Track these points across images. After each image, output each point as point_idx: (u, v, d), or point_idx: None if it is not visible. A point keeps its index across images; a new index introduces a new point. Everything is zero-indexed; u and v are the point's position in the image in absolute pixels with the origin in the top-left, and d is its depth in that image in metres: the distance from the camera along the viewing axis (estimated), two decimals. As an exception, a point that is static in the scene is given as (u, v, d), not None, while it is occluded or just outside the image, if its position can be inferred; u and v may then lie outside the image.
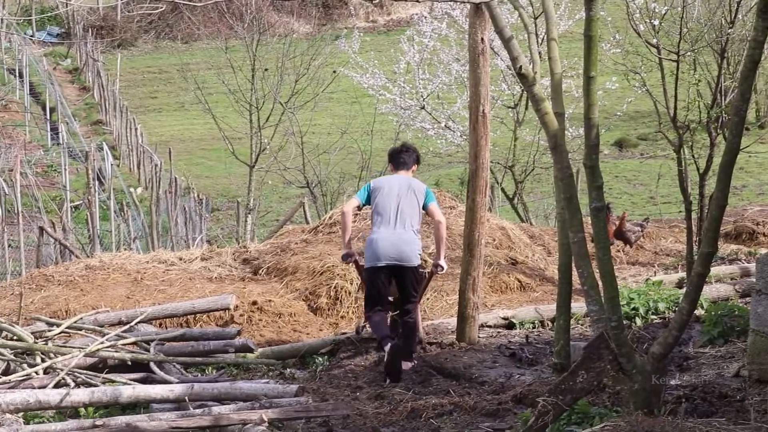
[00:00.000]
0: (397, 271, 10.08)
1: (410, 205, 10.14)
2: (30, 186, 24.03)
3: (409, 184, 10.23)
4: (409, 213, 10.11)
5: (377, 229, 10.13)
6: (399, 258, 10.01)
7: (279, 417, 7.67)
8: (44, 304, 11.93)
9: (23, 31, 46.19)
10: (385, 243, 10.02)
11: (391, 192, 10.18)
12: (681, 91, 12.92)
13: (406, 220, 10.09)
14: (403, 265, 10.03)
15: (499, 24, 8.04)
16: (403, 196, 10.15)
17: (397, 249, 10.00)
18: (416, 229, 10.16)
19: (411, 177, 10.46)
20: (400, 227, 10.06)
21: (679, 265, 14.30)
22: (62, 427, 7.44)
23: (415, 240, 10.09)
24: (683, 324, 7.10)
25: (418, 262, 10.15)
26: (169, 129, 38.10)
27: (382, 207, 10.17)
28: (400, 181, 10.29)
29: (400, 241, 10.02)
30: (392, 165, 10.59)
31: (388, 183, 10.30)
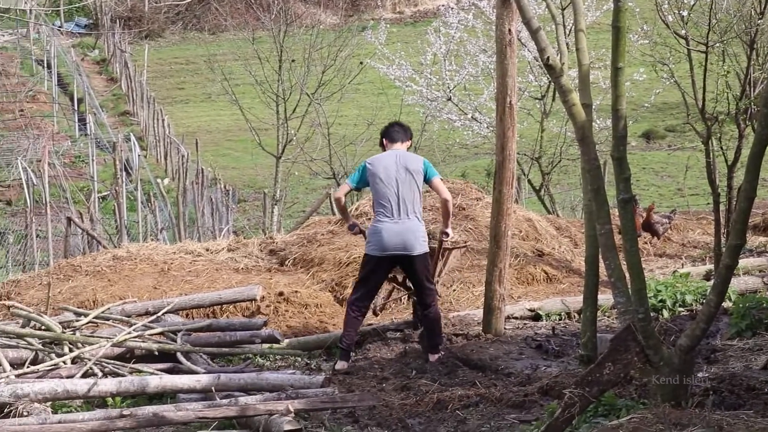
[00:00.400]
0: (404, 260, 10.05)
1: (410, 189, 9.99)
2: (58, 176, 24.12)
3: (405, 165, 10.04)
4: (410, 199, 9.98)
5: (381, 219, 10.02)
6: (405, 248, 9.94)
7: (305, 408, 7.68)
8: (72, 294, 11.98)
9: (51, 22, 46.42)
10: (390, 234, 9.93)
11: (389, 177, 10.02)
12: (709, 83, 12.84)
13: (409, 207, 9.98)
14: (410, 254, 9.96)
15: (527, 15, 8.01)
16: (401, 180, 10.00)
17: (402, 239, 9.92)
18: (419, 215, 10.07)
19: (405, 151, 10.29)
20: (404, 216, 9.96)
21: (707, 257, 14.24)
22: (90, 416, 7.47)
23: (419, 227, 10.01)
24: (711, 316, 7.06)
25: (426, 249, 10.06)
26: (196, 120, 38.21)
27: (383, 196, 10.03)
28: (396, 161, 10.09)
29: (405, 230, 9.93)
30: (387, 139, 10.41)
31: (384, 165, 10.10)
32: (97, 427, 7.28)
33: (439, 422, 8.05)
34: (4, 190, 29.13)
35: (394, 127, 10.44)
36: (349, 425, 7.98)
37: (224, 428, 7.61)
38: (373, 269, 10.10)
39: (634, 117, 25.70)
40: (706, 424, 6.19)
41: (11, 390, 7.79)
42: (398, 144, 10.29)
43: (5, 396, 7.76)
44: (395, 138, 10.33)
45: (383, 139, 10.45)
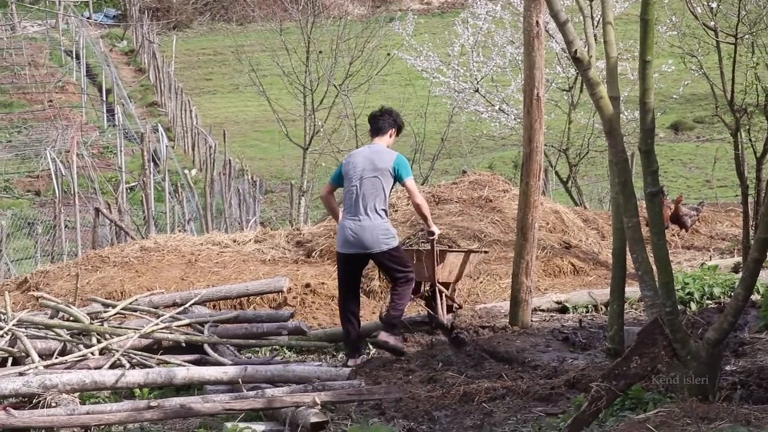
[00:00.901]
0: (365, 258, 9.84)
1: (372, 187, 9.71)
2: (86, 167, 24.24)
3: (373, 162, 9.77)
4: (371, 196, 9.71)
5: (344, 216, 9.87)
6: (363, 246, 9.71)
7: (332, 400, 7.69)
8: (100, 285, 12.05)
9: (80, 13, 46.59)
10: (348, 232, 9.75)
11: (355, 174, 9.79)
12: (738, 74, 12.78)
13: (368, 205, 9.71)
14: (369, 253, 9.75)
15: (555, 7, 7.98)
16: (365, 178, 9.74)
17: (359, 238, 9.70)
18: (380, 211, 9.75)
19: (383, 147, 9.95)
20: (363, 214, 9.71)
21: (735, 250, 14.17)
22: (117, 407, 7.50)
23: (379, 225, 9.71)
24: (739, 310, 7.03)
25: (388, 246, 9.75)
26: (223, 111, 38.28)
27: (346, 193, 9.87)
28: (366, 157, 9.85)
29: (360, 229, 9.70)
30: (370, 130, 10.18)
31: (353, 162, 9.87)
32: (125, 418, 7.33)
33: (465, 415, 8.04)
34: (33, 180, 29.33)
35: (378, 117, 10.08)
36: (376, 417, 7.98)
37: (251, 420, 7.64)
38: (343, 267, 9.96)
39: (663, 108, 25.61)
40: (733, 419, 6.17)
41: (40, 381, 7.85)
42: (378, 137, 10.02)
43: (34, 387, 7.81)
44: (376, 131, 10.06)
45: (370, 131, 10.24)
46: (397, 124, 10.11)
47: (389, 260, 9.80)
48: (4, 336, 9.18)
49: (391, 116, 10.06)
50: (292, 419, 7.46)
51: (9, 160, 30.69)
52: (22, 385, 7.83)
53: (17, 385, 7.82)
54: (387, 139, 10.02)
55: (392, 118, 10.06)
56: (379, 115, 10.06)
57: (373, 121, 10.08)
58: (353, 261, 9.86)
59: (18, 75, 38.01)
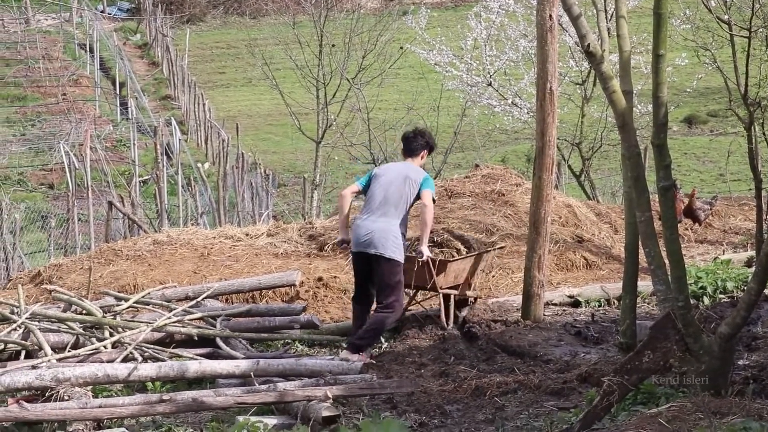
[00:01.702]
0: (370, 259, 9.79)
1: (399, 195, 9.82)
2: (99, 160, 24.27)
3: (406, 175, 9.91)
4: (393, 202, 9.81)
5: (360, 215, 10.00)
6: (370, 245, 9.71)
7: (343, 394, 7.70)
8: (113, 279, 12.06)
9: (94, 6, 46.64)
10: (361, 230, 9.80)
11: (386, 180, 9.91)
12: (752, 68, 12.74)
13: (389, 210, 9.79)
14: (374, 254, 9.71)
15: (568, 1, 7.97)
16: (395, 186, 9.85)
17: (370, 237, 9.72)
18: (397, 222, 9.78)
19: (414, 166, 10.10)
20: (381, 216, 9.77)
21: (748, 244, 14.14)
22: (130, 400, 7.52)
23: (391, 230, 9.73)
24: (751, 304, 7.02)
25: (392, 255, 9.70)
26: (236, 104, 38.30)
27: (371, 194, 9.94)
28: (399, 170, 10.03)
29: (375, 228, 9.72)
30: (403, 149, 10.35)
31: (387, 171, 10.09)
32: (137, 411, 7.35)
33: (477, 409, 8.05)
34: (47, 173, 29.38)
35: (411, 138, 10.26)
36: (388, 411, 8.00)
37: (263, 413, 7.65)
38: (355, 265, 10.05)
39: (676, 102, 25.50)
40: (746, 413, 6.17)
41: (52, 374, 7.87)
42: (410, 159, 10.19)
43: (47, 380, 7.84)
44: (409, 151, 10.23)
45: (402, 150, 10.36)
46: (429, 145, 10.29)
47: (387, 271, 9.72)
48: (17, 329, 9.22)
49: (423, 138, 10.25)
50: (303, 413, 7.48)
51: (23, 154, 30.75)
52: (35, 379, 7.86)
53: (30, 378, 7.85)
54: (418, 161, 10.22)
55: (424, 140, 10.24)
56: (413, 137, 10.27)
57: (406, 141, 10.28)
58: (363, 261, 9.86)
59: (32, 68, 38.07)
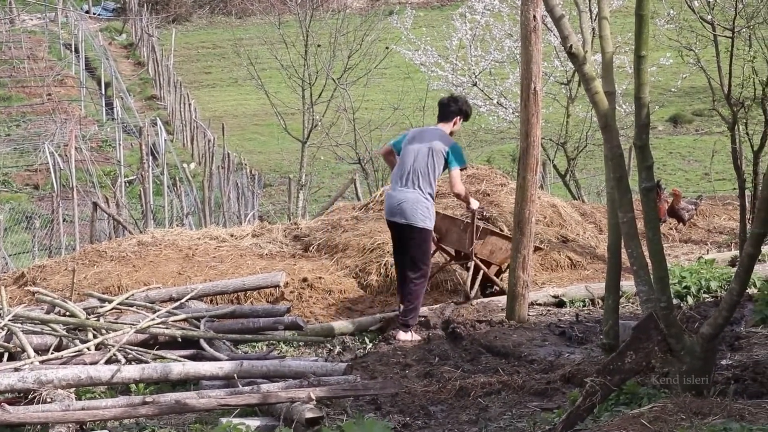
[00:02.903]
0: (399, 229, 10.35)
1: (425, 166, 10.29)
2: (85, 161, 24.26)
3: (431, 146, 10.32)
4: (421, 173, 10.29)
5: (392, 185, 10.52)
6: (401, 215, 10.28)
7: (327, 395, 7.69)
8: (97, 280, 12.03)
9: (79, 6, 46.54)
10: (392, 200, 10.38)
11: (412, 149, 10.38)
12: (736, 68, 12.77)
13: (417, 181, 10.28)
14: (403, 224, 10.28)
15: (551, 2, 7.98)
16: (421, 156, 10.32)
17: (400, 207, 10.29)
18: (427, 191, 10.31)
19: (443, 132, 10.51)
20: (409, 186, 10.29)
21: (732, 243, 14.17)
22: (113, 403, 7.51)
23: (419, 200, 10.26)
24: (733, 305, 7.03)
25: (423, 224, 10.28)
26: (222, 104, 38.27)
27: (401, 162, 10.44)
28: (427, 139, 10.41)
29: (404, 198, 10.28)
30: (437, 115, 10.73)
31: (416, 139, 10.47)
32: (120, 413, 7.33)
33: (461, 410, 8.05)
34: (32, 174, 29.32)
35: (446, 103, 10.67)
36: (372, 412, 7.99)
37: (246, 415, 7.63)
38: (392, 234, 10.59)
39: (661, 101, 25.58)
40: (727, 414, 6.18)
41: (35, 376, 7.84)
42: (441, 123, 10.60)
43: (29, 382, 7.81)
44: (442, 116, 10.63)
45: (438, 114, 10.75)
46: (464, 111, 10.69)
47: (417, 240, 10.30)
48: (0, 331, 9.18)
49: (457, 104, 10.66)
50: (287, 414, 7.47)
51: (7, 154, 30.68)
52: (17, 381, 7.82)
53: (12, 380, 7.82)
54: (450, 126, 10.62)
55: (458, 106, 10.65)
56: (446, 102, 10.68)
57: (440, 107, 10.68)
58: (397, 230, 10.41)
59: (17, 68, 37.99)
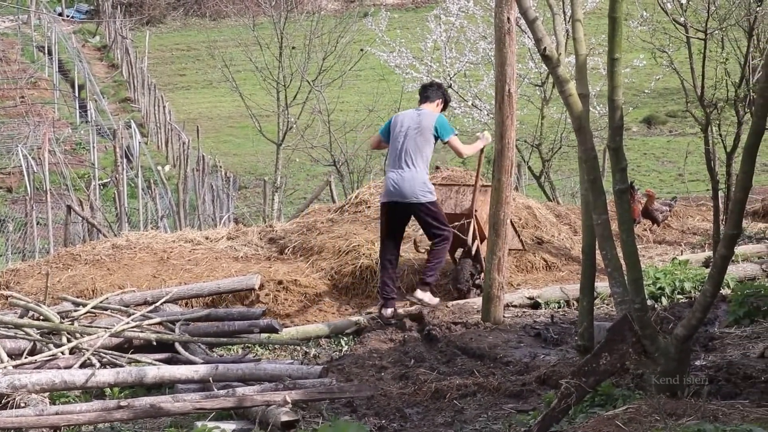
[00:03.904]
0: (405, 208, 10.84)
1: (415, 143, 10.79)
2: (58, 163, 24.13)
3: (418, 122, 10.85)
4: (414, 152, 10.78)
5: (387, 168, 11.12)
6: (402, 195, 10.78)
7: (303, 398, 7.69)
8: (71, 284, 11.99)
9: (52, 8, 46.36)
10: (390, 182, 10.84)
11: (400, 131, 10.87)
12: (708, 70, 12.82)
13: (410, 160, 10.77)
14: (408, 202, 10.78)
15: (524, 4, 7.99)
16: (409, 135, 10.82)
17: (400, 187, 10.77)
18: (420, 167, 10.81)
19: (427, 110, 11.00)
20: (404, 166, 10.77)
21: (706, 244, 14.23)
22: (87, 407, 7.48)
23: (415, 178, 10.75)
24: (707, 306, 7.06)
25: (425, 198, 10.79)
26: (197, 106, 38.19)
27: (392, 147, 10.97)
28: (411, 118, 10.93)
29: (401, 180, 10.78)
30: (420, 98, 11.25)
31: (401, 120, 10.96)
32: (95, 418, 7.31)
33: (436, 412, 8.06)
34: (5, 177, 29.15)
35: (428, 87, 11.31)
36: (348, 415, 7.99)
37: (222, 419, 7.63)
38: (385, 217, 10.99)
39: (635, 103, 25.67)
40: (701, 415, 6.20)
41: (9, 381, 7.81)
42: (425, 104, 11.10)
43: (3, 387, 7.78)
44: (425, 98, 11.15)
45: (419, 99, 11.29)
46: (445, 97, 11.32)
47: (426, 214, 10.86)
48: (-27, 336, 9.13)
49: (440, 89, 11.32)
50: (262, 418, 7.46)
51: (-19, 157, 30.52)
52: (-9, 386, 7.79)
53: (-14, 385, 7.79)
54: (434, 107, 11.13)
55: (441, 91, 11.30)
56: (429, 86, 11.35)
57: (423, 89, 11.29)
58: (394, 211, 10.90)
59: (-11, 71, 37.83)
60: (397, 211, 10.92)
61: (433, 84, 11.52)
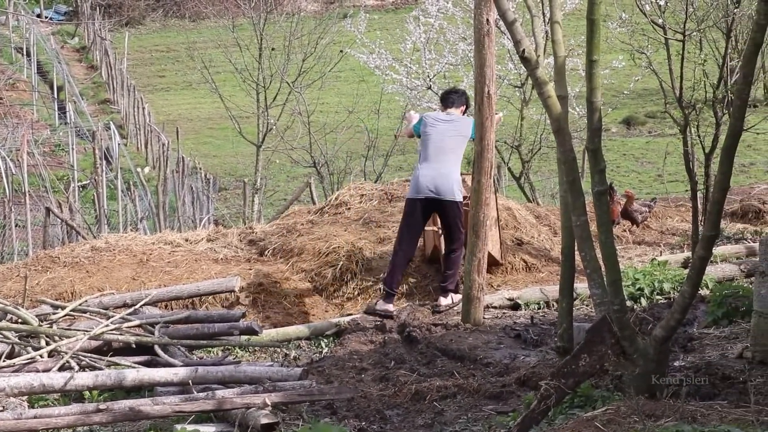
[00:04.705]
0: (437, 204, 11.08)
1: (454, 144, 11.14)
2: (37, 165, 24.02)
3: (457, 129, 11.16)
4: (452, 152, 11.11)
5: (420, 164, 11.18)
6: (437, 191, 11.01)
7: (282, 401, 7.69)
8: (50, 286, 11.93)
9: (31, 9, 46.18)
10: (425, 178, 11.03)
11: (437, 131, 11.18)
12: (687, 71, 12.86)
13: (449, 158, 11.07)
14: (442, 199, 11.00)
15: (502, 7, 8.01)
16: (447, 136, 11.14)
17: (435, 183, 11.00)
18: (456, 167, 11.14)
19: (458, 115, 11.38)
20: (443, 164, 11.05)
21: (685, 245, 14.26)
22: (66, 410, 7.46)
23: (454, 177, 11.07)
24: (685, 307, 7.10)
25: (459, 197, 11.08)
26: (176, 108, 38.09)
27: (427, 145, 11.20)
28: (447, 121, 11.25)
29: (438, 175, 11.01)
30: (442, 104, 11.61)
31: (434, 123, 11.26)
32: (74, 421, 7.29)
33: (416, 414, 8.07)
34: (-17, 179, 29.03)
35: (452, 92, 11.66)
36: (328, 417, 7.99)
37: (201, 421, 7.62)
38: (412, 211, 11.16)
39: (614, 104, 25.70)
40: (679, 416, 6.22)
41: (-13, 385, 7.78)
42: (452, 108, 11.41)
43: (-19, 391, 7.75)
44: (449, 103, 11.47)
45: (441, 103, 11.69)
46: (467, 103, 11.57)
47: (455, 212, 11.13)
48: (-49, 339, 9.10)
49: (464, 95, 11.67)
50: (242, 420, 7.46)
51: (-41, 159, 30.37)
52: (-31, 389, 7.76)
53: (-36, 389, 7.76)
54: (458, 113, 11.47)
55: (465, 97, 11.64)
56: (454, 91, 11.74)
57: (447, 95, 11.66)
58: (424, 207, 11.14)
59: (-33, 73, 37.65)
60: (428, 208, 11.18)
61: (457, 90, 11.84)
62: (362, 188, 14.25)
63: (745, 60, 6.76)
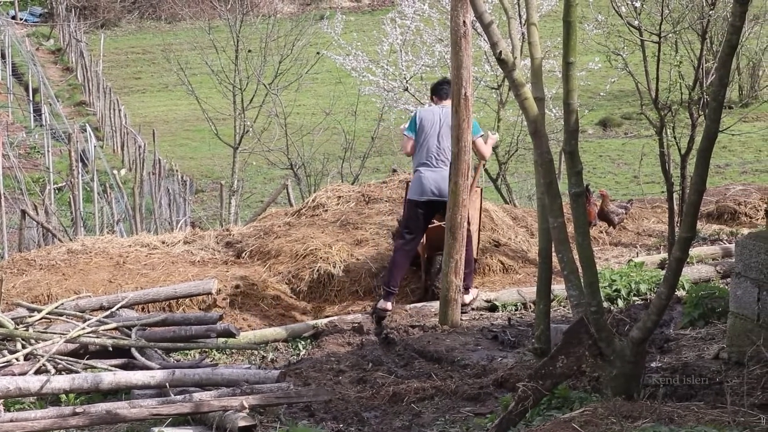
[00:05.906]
0: (439, 206, 10.99)
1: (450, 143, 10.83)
2: (12, 167, 23.95)
3: (448, 121, 10.85)
4: (448, 149, 10.89)
5: (422, 167, 11.12)
6: (440, 194, 10.92)
7: (260, 403, 7.68)
8: (26, 289, 11.88)
9: (5, 11, 45.98)
10: (428, 180, 11.02)
11: (433, 130, 11.10)
12: (663, 73, 12.91)
13: (447, 156, 10.90)
14: (445, 201, 10.80)
15: (479, 9, 8.02)
16: (443, 133, 11.00)
17: (438, 185, 10.97)
18: None
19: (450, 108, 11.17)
20: (442, 165, 10.96)
21: (661, 246, 14.31)
22: (42, 414, 7.43)
23: None
24: (662, 308, 7.12)
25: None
26: (152, 110, 37.97)
27: (424, 144, 11.12)
28: (441, 114, 11.11)
29: (440, 177, 10.95)
30: (436, 96, 11.47)
31: (430, 118, 11.18)
32: (50, 425, 7.26)
33: (394, 415, 8.07)
34: (-41, 181, 28.89)
35: (443, 84, 11.39)
36: (305, 419, 7.98)
37: (179, 424, 7.60)
38: (415, 214, 11.14)
39: (591, 105, 25.81)
40: (656, 417, 6.24)
41: (-37, 388, 7.74)
42: (446, 101, 11.13)
43: (-43, 394, 7.71)
44: (443, 97, 11.31)
45: (433, 96, 11.55)
46: None
47: None
48: (-74, 343, 9.04)
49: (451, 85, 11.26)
50: (219, 423, 7.45)
51: (-67, 162, 30.20)
52: (-56, 393, 7.72)
53: (-60, 393, 7.71)
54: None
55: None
56: (445, 82, 11.39)
57: (438, 87, 11.48)
58: (427, 208, 11.14)
59: (-58, 75, 37.47)
60: (431, 209, 11.16)
61: (447, 81, 11.39)
62: (339, 190, 14.26)
63: (721, 62, 6.78)
